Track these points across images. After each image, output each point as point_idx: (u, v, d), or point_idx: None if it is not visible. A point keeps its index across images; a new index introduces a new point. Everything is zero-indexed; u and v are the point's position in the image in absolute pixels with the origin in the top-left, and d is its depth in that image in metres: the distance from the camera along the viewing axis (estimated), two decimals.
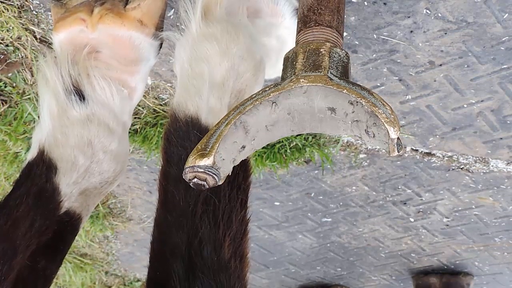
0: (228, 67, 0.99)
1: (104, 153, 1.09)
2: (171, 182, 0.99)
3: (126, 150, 1.15)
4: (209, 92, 0.98)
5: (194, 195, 0.96)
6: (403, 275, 2.67)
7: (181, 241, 0.95)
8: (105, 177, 1.12)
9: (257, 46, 1.04)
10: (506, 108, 1.50)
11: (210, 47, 0.99)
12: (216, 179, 0.77)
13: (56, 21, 1.09)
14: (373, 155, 1.84)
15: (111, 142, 1.09)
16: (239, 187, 1.00)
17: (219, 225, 0.96)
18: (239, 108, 0.81)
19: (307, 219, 2.24)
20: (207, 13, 1.02)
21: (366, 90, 0.78)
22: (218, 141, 0.77)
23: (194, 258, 0.94)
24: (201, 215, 0.96)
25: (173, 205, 0.98)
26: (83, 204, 1.12)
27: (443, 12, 1.23)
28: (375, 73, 1.44)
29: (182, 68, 1.03)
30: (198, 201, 0.96)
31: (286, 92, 0.81)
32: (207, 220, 0.96)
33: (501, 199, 1.97)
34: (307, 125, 0.86)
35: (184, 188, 0.96)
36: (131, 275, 2.92)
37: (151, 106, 1.65)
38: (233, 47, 1.00)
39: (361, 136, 0.80)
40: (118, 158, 1.12)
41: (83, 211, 1.13)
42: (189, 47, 1.02)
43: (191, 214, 0.95)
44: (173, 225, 0.97)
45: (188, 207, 0.96)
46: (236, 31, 1.01)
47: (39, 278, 1.05)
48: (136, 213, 2.36)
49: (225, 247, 0.96)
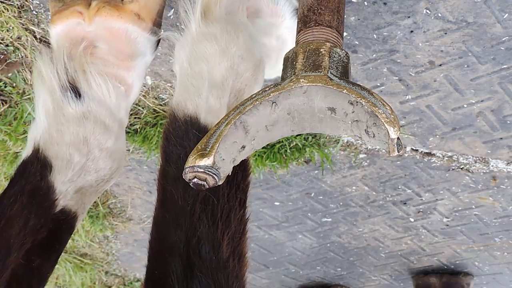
0: (228, 67, 0.99)
1: (100, 151, 1.08)
2: (170, 181, 0.99)
3: (122, 148, 1.15)
4: (208, 92, 0.98)
5: (193, 194, 0.96)
6: (403, 275, 2.67)
7: (179, 240, 0.95)
8: (101, 175, 1.11)
9: (257, 46, 1.04)
10: (506, 108, 1.50)
11: (209, 47, 0.99)
12: (216, 179, 0.77)
13: (53, 14, 1.08)
14: (373, 155, 1.84)
15: (107, 140, 1.08)
16: (238, 186, 1.00)
17: (218, 224, 0.96)
18: (239, 108, 0.81)
19: (307, 219, 2.24)
20: (206, 12, 1.02)
21: (366, 90, 0.78)
22: (218, 141, 0.77)
23: (192, 257, 0.94)
24: (199, 214, 0.95)
25: (172, 204, 0.97)
26: (79, 202, 1.11)
27: (443, 12, 1.23)
28: (375, 73, 1.44)
29: (181, 67, 1.03)
30: (196, 200, 0.96)
31: (286, 92, 0.81)
32: (205, 219, 0.95)
33: (501, 199, 1.97)
34: (307, 125, 0.86)
35: (182, 187, 0.96)
36: (131, 275, 2.92)
37: (151, 106, 1.65)
38: (232, 47, 0.99)
39: (361, 136, 0.80)
40: (115, 155, 1.11)
41: (79, 210, 1.11)
42: (188, 47, 1.02)
43: (189, 213, 0.95)
44: (172, 224, 0.97)
45: (186, 206, 0.96)
46: (235, 30, 1.01)
47: (34, 277, 1.04)
48: (136, 213, 2.36)
49: (223, 246, 0.96)
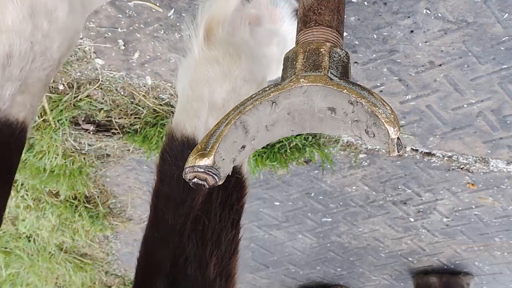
0: (230, 89, 0.99)
1: (49, 23, 0.87)
2: (162, 200, 0.98)
3: (76, 27, 0.95)
4: (208, 114, 0.98)
5: (184, 213, 0.95)
6: (403, 275, 2.67)
7: (167, 259, 0.94)
8: (49, 57, 0.89)
9: (259, 67, 1.04)
10: (506, 108, 1.50)
11: (212, 70, 0.99)
12: (216, 179, 0.77)
13: None
14: (373, 155, 1.84)
15: (58, 7, 0.87)
16: (232, 207, 0.99)
17: (207, 244, 0.95)
18: (239, 108, 0.81)
19: (307, 219, 2.24)
20: (209, 34, 1.01)
21: (366, 90, 0.78)
22: (218, 141, 0.77)
23: (178, 276, 0.93)
24: (189, 233, 0.94)
25: (162, 223, 0.96)
26: (26, 106, 0.88)
27: (443, 12, 1.23)
28: (375, 73, 1.44)
29: (183, 89, 1.03)
30: (187, 220, 0.94)
31: (286, 92, 0.81)
32: (194, 239, 0.94)
33: (501, 199, 1.97)
34: (307, 125, 0.86)
35: (173, 207, 0.95)
36: (131, 275, 2.92)
37: (151, 106, 1.66)
38: (235, 70, 0.99)
39: (361, 136, 0.80)
40: (66, 33, 0.91)
41: (27, 116, 0.88)
42: (191, 70, 1.02)
43: (179, 232, 0.94)
44: (160, 243, 0.96)
45: (176, 225, 0.94)
46: (238, 53, 1.00)
47: None
48: (136, 213, 2.36)
49: (210, 266, 0.94)
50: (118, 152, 1.94)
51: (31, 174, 1.97)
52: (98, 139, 1.83)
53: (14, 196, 2.19)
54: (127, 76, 1.57)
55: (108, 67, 1.53)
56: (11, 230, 2.52)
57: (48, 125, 1.73)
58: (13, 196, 2.19)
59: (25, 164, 1.94)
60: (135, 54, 1.47)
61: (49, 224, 2.36)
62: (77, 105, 1.67)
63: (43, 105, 1.65)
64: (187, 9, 1.29)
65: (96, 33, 1.41)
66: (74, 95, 1.64)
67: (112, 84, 1.60)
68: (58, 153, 1.85)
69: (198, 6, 1.04)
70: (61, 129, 1.74)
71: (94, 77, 1.58)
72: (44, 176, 1.95)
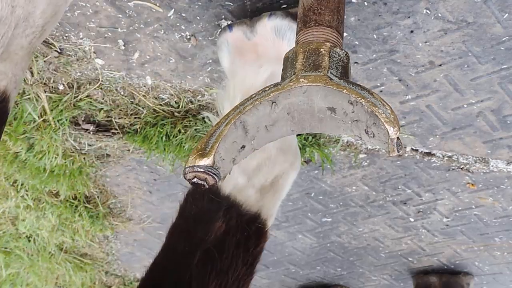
0: (265, 157, 1.01)
1: None
2: (176, 232, 1.02)
3: None
4: (238, 174, 1.01)
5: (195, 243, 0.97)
6: (403, 275, 2.67)
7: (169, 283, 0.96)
8: (31, 24, 0.81)
9: (294, 137, 1.06)
10: (506, 108, 1.50)
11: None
12: (216, 179, 0.77)
13: None
14: (373, 155, 1.84)
15: None
16: (247, 249, 1.01)
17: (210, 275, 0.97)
18: (239, 108, 0.81)
19: (307, 219, 2.24)
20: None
21: (366, 90, 0.78)
22: (218, 141, 0.77)
23: None
24: (196, 263, 0.97)
25: (172, 253, 0.99)
26: (8, 75, 0.82)
27: (443, 12, 1.23)
28: (375, 73, 1.44)
29: None
30: (197, 250, 0.97)
31: (286, 92, 0.81)
32: (201, 268, 0.96)
33: (501, 199, 1.97)
34: (307, 125, 0.86)
35: (185, 237, 0.98)
36: (131, 275, 2.92)
37: (151, 106, 1.66)
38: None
39: (361, 136, 0.80)
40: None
41: (9, 85, 0.82)
42: None
43: (185, 260, 0.97)
44: (167, 271, 0.98)
45: (184, 253, 0.97)
46: None
47: None
48: (136, 213, 2.36)
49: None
50: (118, 152, 1.94)
51: (31, 174, 1.97)
52: (98, 139, 1.83)
53: (14, 196, 2.19)
54: (127, 76, 1.57)
55: (108, 67, 1.53)
56: (11, 230, 2.52)
57: (48, 125, 1.73)
58: (13, 196, 2.19)
59: (25, 164, 1.94)
60: (135, 54, 1.47)
61: (49, 224, 2.36)
62: (77, 105, 1.67)
63: (43, 105, 1.65)
64: (187, 9, 1.29)
65: (96, 33, 1.41)
66: (74, 95, 1.64)
67: (112, 84, 1.60)
68: (58, 153, 1.85)
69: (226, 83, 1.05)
70: (61, 129, 1.74)
71: (94, 77, 1.58)
72: (44, 176, 1.95)
